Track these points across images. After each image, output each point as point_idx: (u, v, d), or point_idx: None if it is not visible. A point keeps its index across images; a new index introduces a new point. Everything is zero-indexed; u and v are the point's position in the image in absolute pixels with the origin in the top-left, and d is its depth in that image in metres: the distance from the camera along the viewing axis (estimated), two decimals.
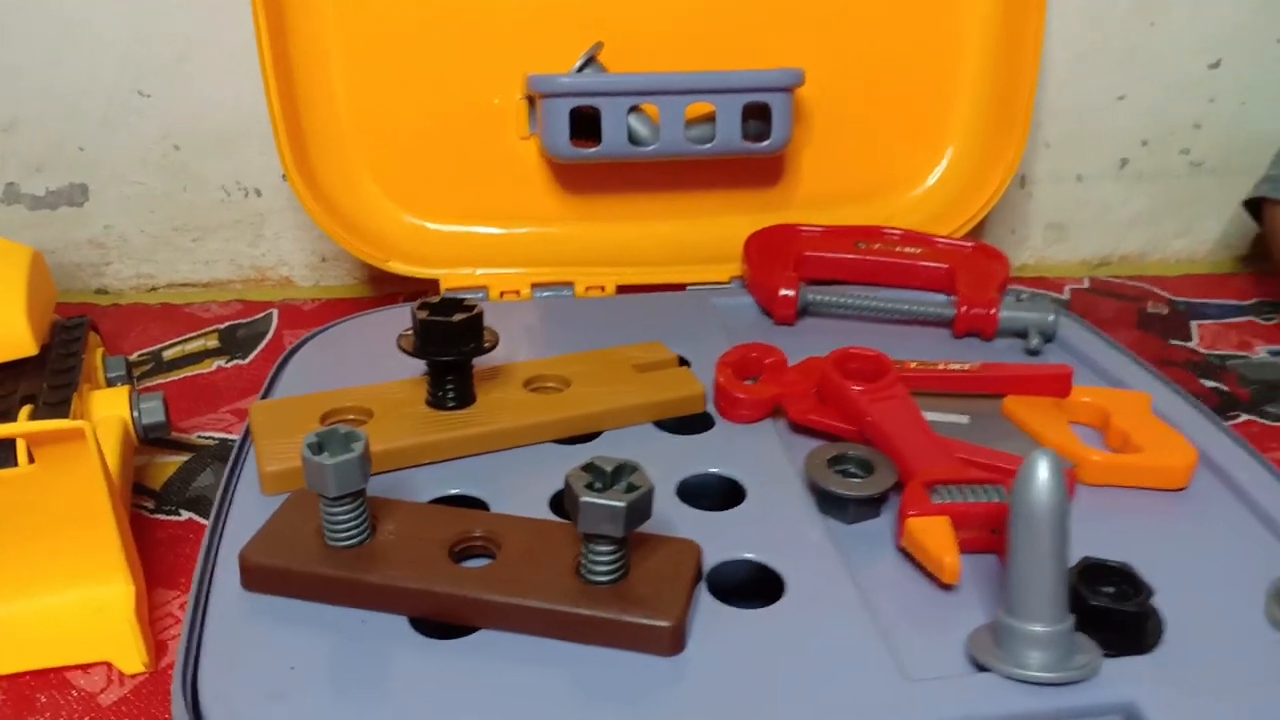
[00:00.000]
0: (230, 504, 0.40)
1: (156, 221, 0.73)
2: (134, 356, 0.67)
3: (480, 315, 0.43)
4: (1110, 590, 0.36)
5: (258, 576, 0.35)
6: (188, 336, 0.69)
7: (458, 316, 0.43)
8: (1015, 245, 0.80)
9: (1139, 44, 0.74)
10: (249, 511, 0.40)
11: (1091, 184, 0.79)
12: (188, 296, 0.75)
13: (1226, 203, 0.70)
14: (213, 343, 0.68)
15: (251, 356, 0.67)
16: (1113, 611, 0.35)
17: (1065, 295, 0.77)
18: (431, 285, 0.63)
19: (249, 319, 0.72)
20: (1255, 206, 0.74)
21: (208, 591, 0.36)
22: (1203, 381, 0.65)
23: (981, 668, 0.33)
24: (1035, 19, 0.62)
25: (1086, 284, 0.80)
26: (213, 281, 0.76)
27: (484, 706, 0.32)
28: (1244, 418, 0.62)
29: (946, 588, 0.37)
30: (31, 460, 0.42)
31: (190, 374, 0.65)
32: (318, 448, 0.34)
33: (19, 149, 0.70)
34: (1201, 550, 0.40)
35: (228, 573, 0.36)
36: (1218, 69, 0.75)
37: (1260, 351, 0.70)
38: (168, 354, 0.67)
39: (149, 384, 0.64)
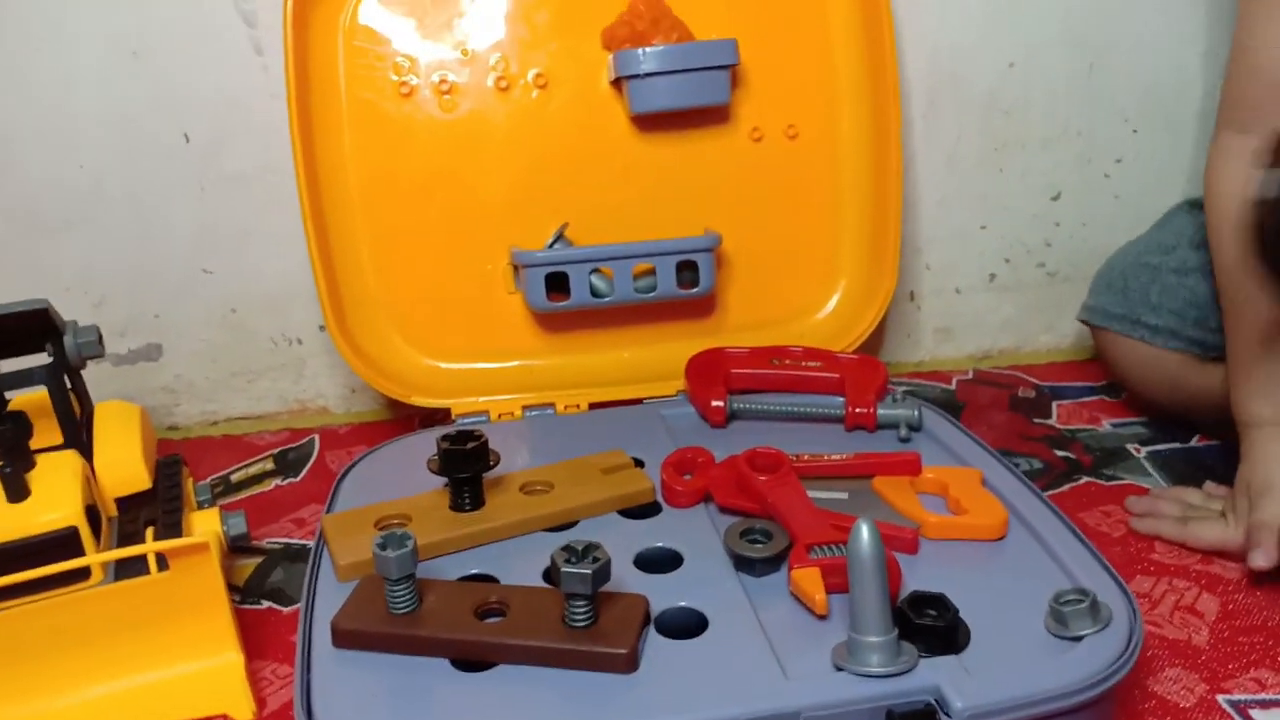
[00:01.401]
0: (315, 589, 0.56)
1: (218, 369, 0.90)
2: (208, 480, 0.82)
3: (486, 443, 0.60)
4: (931, 613, 0.52)
5: (344, 637, 0.51)
6: (249, 461, 0.85)
7: (470, 445, 0.59)
8: (911, 347, 0.97)
9: (992, 186, 0.92)
10: (328, 594, 0.55)
11: (968, 295, 0.96)
12: (244, 428, 0.91)
13: (1079, 302, 0.87)
14: (269, 465, 0.84)
15: (302, 474, 0.83)
16: (929, 627, 0.51)
17: (953, 385, 0.94)
18: (443, 412, 0.79)
19: (296, 444, 0.88)
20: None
21: (309, 649, 0.52)
22: (1056, 452, 0.82)
23: (839, 669, 0.49)
24: (895, 180, 0.79)
25: (970, 375, 0.96)
26: (264, 414, 0.92)
27: (503, 714, 0.47)
28: (1085, 479, 0.78)
29: (821, 618, 0.52)
30: (167, 567, 0.58)
31: (254, 493, 0.81)
32: (383, 545, 0.50)
33: (106, 318, 0.86)
34: (1006, 582, 0.54)
35: (321, 636, 0.52)
36: (1059, 200, 0.94)
37: (1105, 425, 0.86)
38: (235, 477, 0.83)
39: (223, 503, 0.79)
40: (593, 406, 0.78)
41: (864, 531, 0.47)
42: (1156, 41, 0.90)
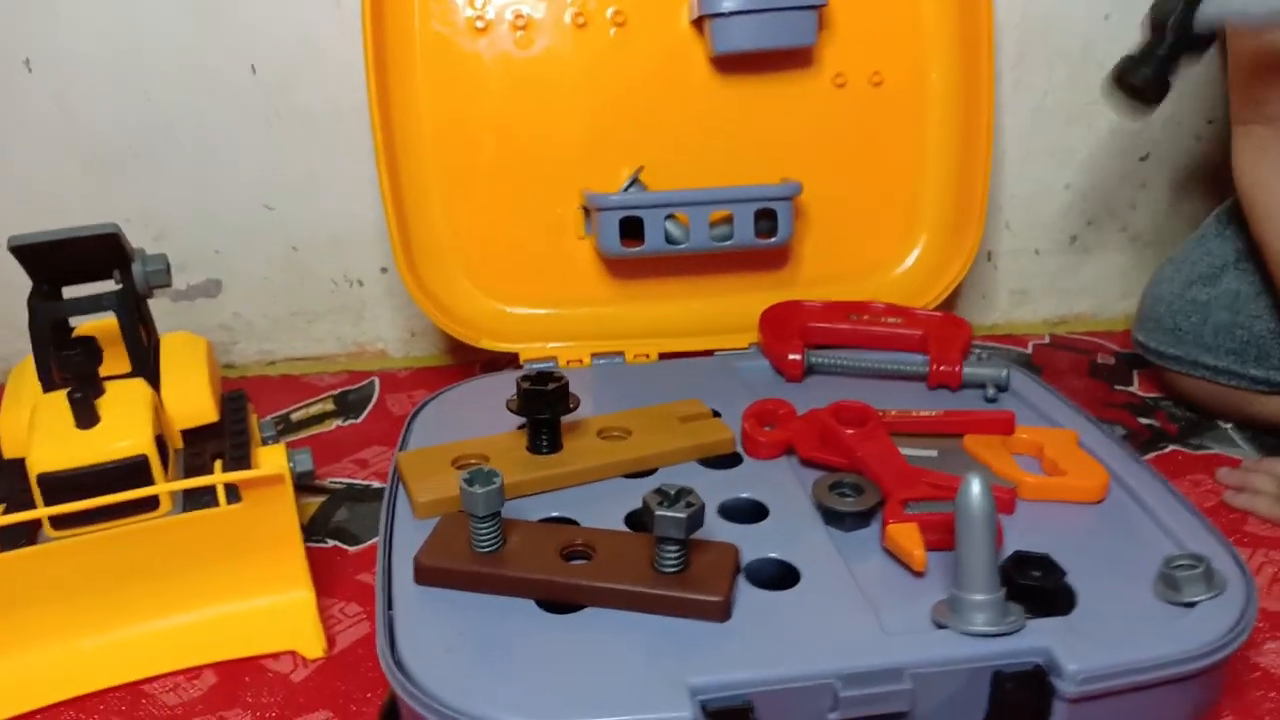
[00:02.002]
0: (393, 526, 0.55)
1: (277, 308, 0.88)
2: (270, 418, 0.81)
3: (567, 385, 0.58)
4: (1035, 574, 0.49)
5: (427, 574, 0.49)
6: (308, 401, 0.84)
7: (551, 385, 0.57)
8: (985, 309, 0.94)
9: (1079, 143, 0.89)
10: (406, 531, 0.54)
11: (1047, 257, 0.93)
12: (301, 369, 0.90)
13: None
14: (330, 406, 0.83)
15: (363, 416, 0.81)
16: (1035, 588, 0.49)
17: (1029, 349, 0.91)
18: (507, 356, 0.77)
19: (355, 386, 0.86)
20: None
21: (389, 585, 0.50)
22: (1139, 420, 0.79)
23: (941, 626, 0.47)
24: (985, 133, 0.76)
25: (1047, 340, 0.93)
26: (322, 355, 0.90)
27: (590, 659, 0.45)
28: (1171, 448, 0.75)
29: (917, 574, 0.50)
30: (238, 499, 0.56)
31: (316, 432, 0.79)
32: (471, 481, 0.48)
33: (166, 253, 0.85)
34: (1110, 545, 0.52)
35: (402, 573, 0.50)
36: (1147, 161, 0.90)
37: None
38: (295, 416, 0.82)
39: (286, 441, 0.78)
40: (662, 357, 0.76)
41: (975, 485, 0.45)
42: None
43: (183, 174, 0.84)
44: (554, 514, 0.56)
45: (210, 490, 0.58)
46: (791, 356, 0.70)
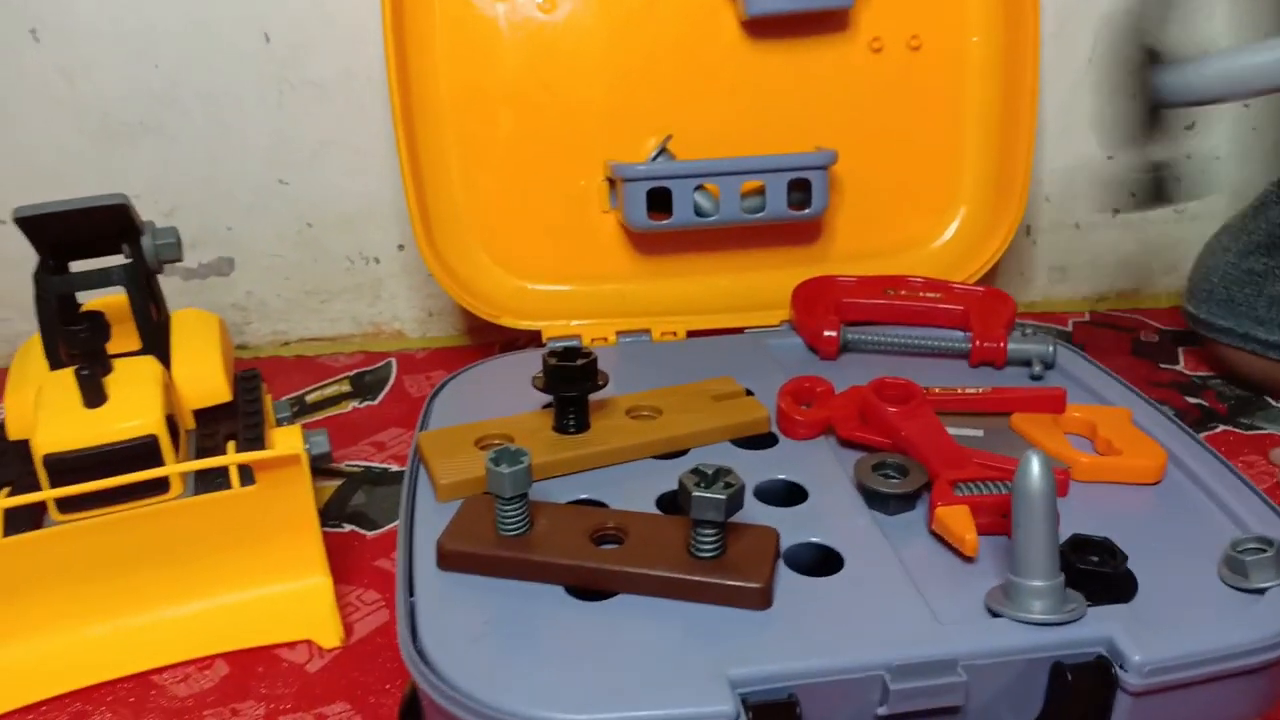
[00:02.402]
0: (414, 510, 0.52)
1: (291, 287, 0.86)
2: (285, 399, 0.79)
3: (595, 360, 0.55)
4: (1095, 558, 0.47)
5: (450, 558, 0.47)
6: (324, 383, 0.82)
7: (579, 361, 0.54)
8: (1023, 285, 0.91)
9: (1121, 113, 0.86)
10: (428, 514, 0.51)
11: (1088, 231, 0.89)
12: (316, 349, 0.87)
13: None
14: (346, 388, 0.81)
15: (380, 398, 0.79)
16: (1095, 573, 0.46)
17: (1069, 327, 0.88)
18: (528, 335, 0.75)
19: (372, 367, 0.84)
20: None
21: (410, 569, 0.48)
22: (1187, 398, 0.76)
23: (996, 614, 0.44)
24: (1029, 101, 0.73)
25: (1087, 317, 0.90)
26: (338, 336, 0.88)
27: (624, 648, 0.42)
28: (1221, 428, 0.72)
29: (967, 560, 0.47)
30: (251, 482, 0.54)
31: (331, 414, 0.77)
32: (497, 461, 0.46)
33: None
34: (1170, 528, 0.49)
35: (424, 558, 0.48)
36: (1192, 130, 0.87)
37: None
38: (310, 398, 0.79)
39: (301, 423, 0.76)
40: (690, 334, 0.74)
41: (1035, 464, 0.43)
42: None
43: (194, 148, 0.81)
44: (582, 496, 0.53)
45: (223, 472, 0.56)
46: (826, 333, 0.67)
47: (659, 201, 0.71)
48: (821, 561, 0.49)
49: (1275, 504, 0.51)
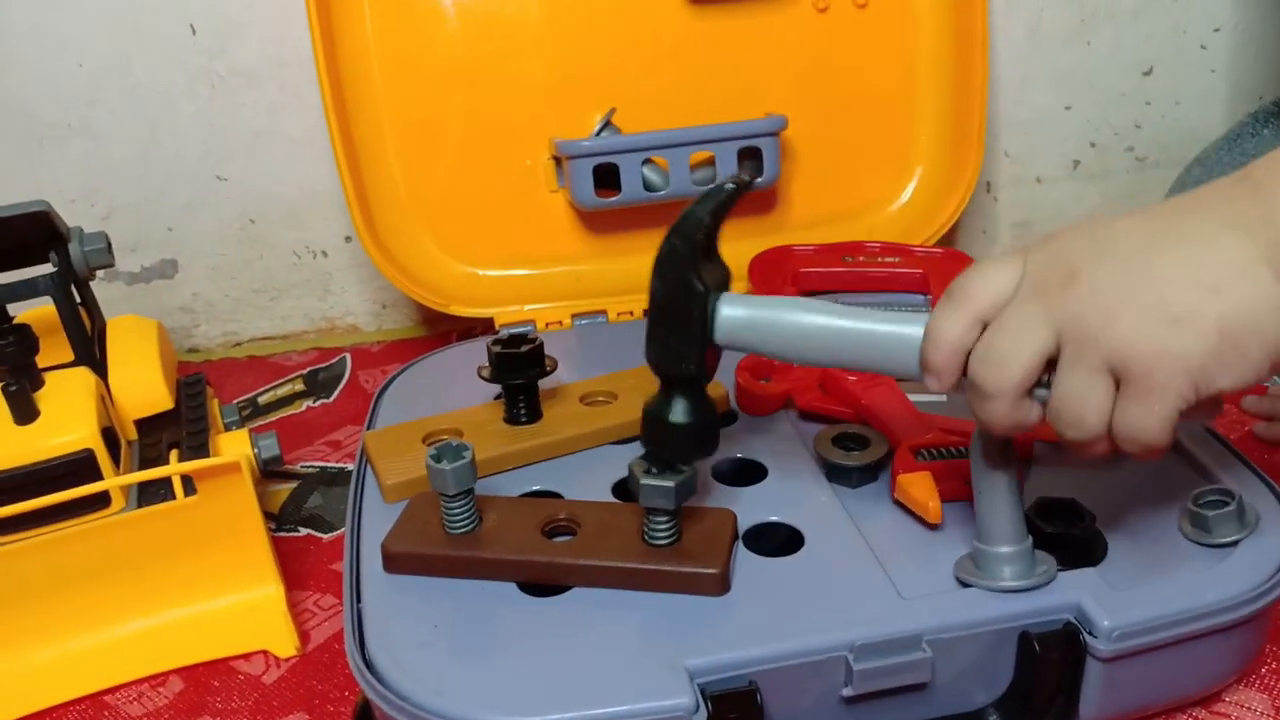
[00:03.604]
0: (360, 512, 0.50)
1: (238, 286, 0.83)
2: (234, 403, 0.77)
3: (541, 346, 0.53)
4: (1060, 521, 0.46)
5: (396, 561, 0.45)
6: (278, 383, 0.79)
7: (524, 348, 0.53)
8: (986, 244, 0.89)
9: (1078, 62, 0.84)
10: (375, 517, 0.49)
11: (1050, 185, 0.88)
12: (269, 348, 0.85)
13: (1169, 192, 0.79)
14: (300, 386, 0.78)
15: (335, 395, 0.77)
16: (1063, 536, 0.45)
17: None
18: (483, 323, 0.73)
19: (326, 364, 0.82)
20: None
21: (357, 576, 0.46)
22: None
23: (965, 584, 0.43)
24: (980, 53, 0.71)
25: None
26: (290, 334, 0.86)
27: (581, 644, 0.41)
28: None
29: (932, 527, 0.46)
30: (195, 492, 0.52)
31: (286, 414, 0.75)
32: (438, 457, 0.44)
33: (116, 234, 0.79)
34: (1136, 486, 0.48)
35: (370, 562, 0.46)
36: (1150, 75, 0.85)
37: None
38: (263, 399, 0.77)
39: (252, 426, 0.74)
40: (647, 313, 0.71)
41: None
42: None
43: (125, 148, 0.78)
44: (536, 487, 0.52)
45: (166, 483, 0.54)
46: None
47: (607, 178, 0.69)
48: (784, 541, 0.47)
49: (1243, 454, 0.50)
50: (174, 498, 0.52)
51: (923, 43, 0.74)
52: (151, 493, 0.54)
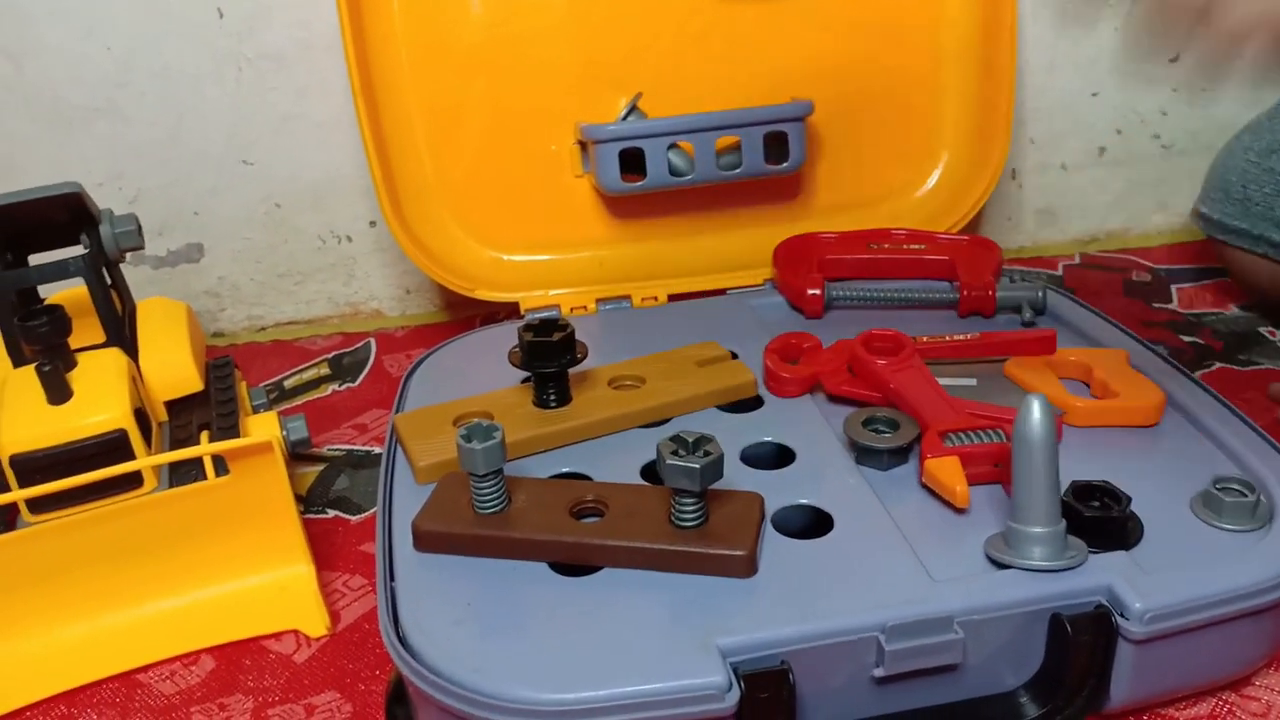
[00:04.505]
0: (391, 492, 0.51)
1: (263, 270, 0.84)
2: (261, 386, 0.77)
3: (573, 333, 0.53)
4: (1097, 504, 0.45)
5: (427, 540, 0.46)
6: (302, 367, 0.80)
7: (556, 335, 0.53)
8: (1011, 231, 0.89)
9: (1104, 47, 0.83)
10: (407, 497, 0.50)
11: (1075, 172, 0.87)
12: (294, 333, 0.85)
13: (1197, 179, 0.77)
14: (325, 371, 0.79)
15: (360, 379, 0.77)
16: (1100, 519, 0.44)
17: (1059, 271, 0.86)
18: (507, 308, 0.73)
19: (351, 348, 0.82)
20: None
21: (390, 554, 0.46)
22: (1182, 338, 0.74)
23: (996, 564, 0.43)
24: (1008, 38, 0.71)
25: (1077, 260, 0.88)
26: (314, 318, 0.86)
27: (609, 623, 0.41)
28: (1218, 366, 0.70)
29: (960, 511, 0.46)
30: (226, 472, 0.53)
31: (311, 398, 0.75)
32: (468, 437, 0.44)
33: (143, 216, 0.79)
34: (1171, 470, 0.48)
35: (403, 542, 0.47)
36: (1177, 62, 0.84)
37: (1232, 309, 0.78)
38: (288, 383, 0.78)
39: (279, 409, 0.74)
40: (672, 299, 0.72)
41: (1035, 408, 0.41)
42: None
43: (152, 131, 0.79)
44: (565, 470, 0.52)
45: (197, 463, 0.54)
46: (810, 291, 0.66)
47: (632, 163, 0.69)
48: (813, 523, 0.48)
49: (1276, 441, 0.50)
50: (205, 478, 0.53)
51: (949, 29, 0.74)
52: (183, 473, 0.54)
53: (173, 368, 0.61)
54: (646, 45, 0.72)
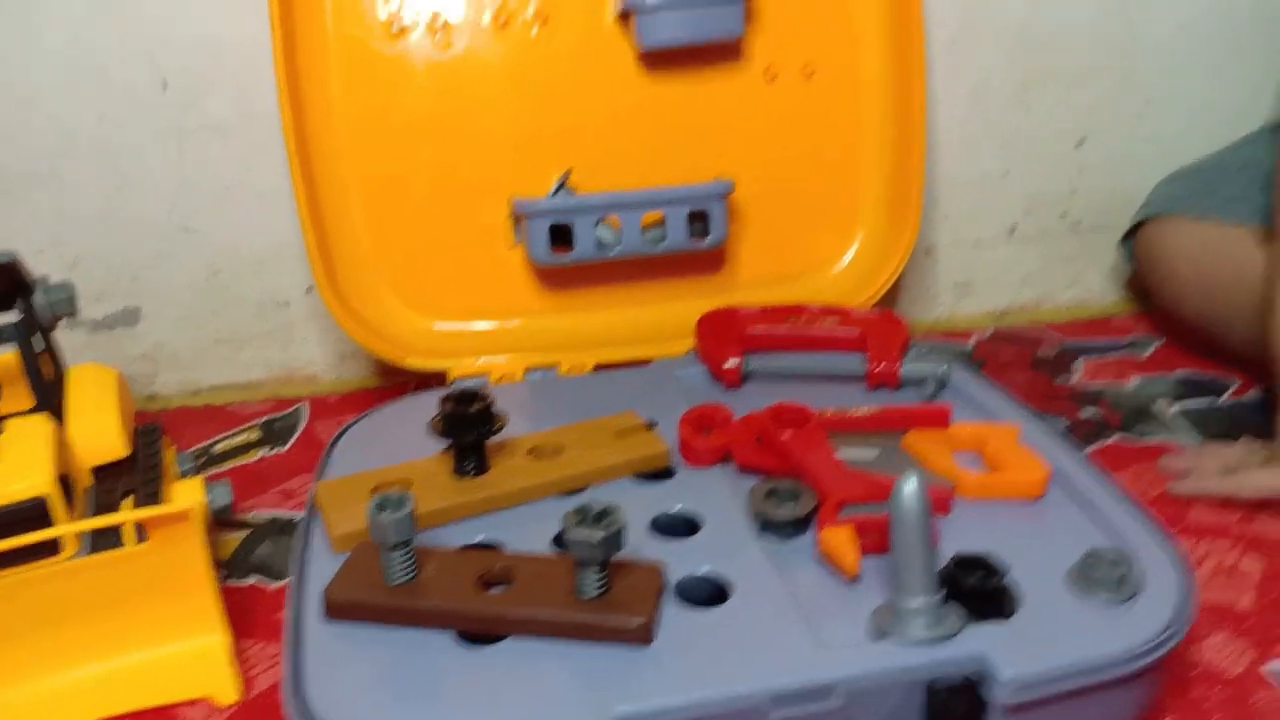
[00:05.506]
0: (306, 561, 0.52)
1: (200, 335, 0.85)
2: (190, 450, 0.78)
3: (491, 404, 0.55)
4: (977, 575, 0.48)
5: (338, 608, 0.47)
6: (233, 431, 0.81)
7: (475, 407, 0.55)
8: (928, 303, 0.92)
9: (1016, 128, 0.88)
10: (322, 566, 0.51)
11: (988, 247, 0.91)
12: (227, 397, 0.86)
13: (1105, 255, 0.82)
14: (255, 436, 0.80)
15: (290, 444, 0.78)
16: (976, 591, 0.47)
17: (971, 344, 0.90)
18: (440, 376, 0.74)
19: (283, 413, 0.83)
20: (1130, 247, 0.86)
21: (299, 622, 0.47)
22: (1083, 411, 0.78)
23: (881, 634, 0.45)
24: (918, 122, 0.75)
25: (990, 333, 0.91)
26: (249, 382, 0.87)
27: (516, 692, 0.43)
28: (1116, 438, 0.74)
29: (852, 581, 0.48)
30: (146, 539, 0.53)
31: (240, 463, 0.76)
32: (379, 508, 0.46)
33: (81, 282, 0.81)
34: (1050, 543, 0.51)
35: (314, 610, 0.48)
36: (1085, 144, 0.89)
37: (1132, 381, 0.82)
38: (218, 448, 0.78)
39: (207, 473, 0.75)
40: (598, 368, 0.74)
41: (907, 485, 0.44)
42: None
43: (93, 198, 0.80)
44: (480, 538, 0.54)
45: (119, 530, 0.55)
46: (729, 363, 0.69)
47: (562, 235, 0.72)
48: (714, 593, 0.49)
49: (1154, 515, 0.52)
50: (125, 545, 0.53)
51: (866, 112, 0.78)
52: (104, 540, 0.55)
53: (100, 434, 0.61)
54: (580, 122, 0.75)
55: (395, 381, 0.87)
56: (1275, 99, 0.86)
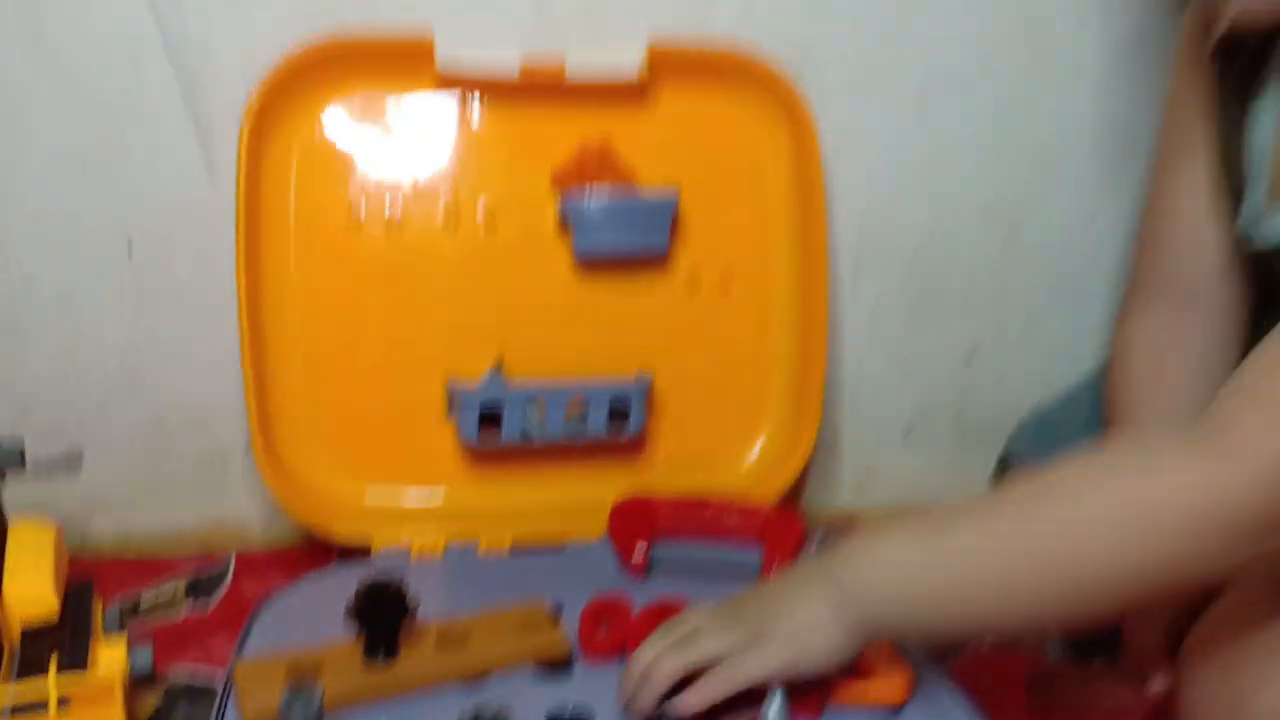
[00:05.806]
0: None
1: (138, 483, 0.87)
2: (117, 605, 0.79)
3: (403, 597, 0.60)
4: None
5: None
6: (161, 584, 0.83)
7: (387, 600, 0.59)
8: (834, 493, 0.99)
9: (909, 345, 0.97)
10: None
11: (885, 449, 0.99)
12: (159, 545, 0.89)
13: (991, 462, 0.90)
14: (182, 589, 0.82)
15: (215, 600, 0.81)
16: None
17: None
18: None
19: (211, 570, 0.85)
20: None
21: None
22: None
23: None
24: (819, 336, 0.84)
25: None
26: (182, 532, 0.89)
27: None
28: None
29: None
30: (68, 704, 0.56)
31: (165, 618, 0.79)
32: (289, 704, 0.50)
33: (29, 423, 0.84)
34: None
35: None
36: (973, 360, 0.98)
37: None
38: (144, 602, 0.81)
39: (133, 623, 0.77)
40: (516, 542, 0.79)
41: (774, 702, 0.49)
42: (1068, 215, 0.96)
43: (47, 346, 0.84)
44: None
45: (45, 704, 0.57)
46: (635, 554, 0.74)
47: (491, 417, 0.78)
48: None
49: None
50: (49, 711, 0.56)
51: (774, 324, 0.87)
52: (28, 705, 0.57)
53: (34, 599, 0.63)
54: (516, 313, 0.83)
55: (322, 545, 0.90)
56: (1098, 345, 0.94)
